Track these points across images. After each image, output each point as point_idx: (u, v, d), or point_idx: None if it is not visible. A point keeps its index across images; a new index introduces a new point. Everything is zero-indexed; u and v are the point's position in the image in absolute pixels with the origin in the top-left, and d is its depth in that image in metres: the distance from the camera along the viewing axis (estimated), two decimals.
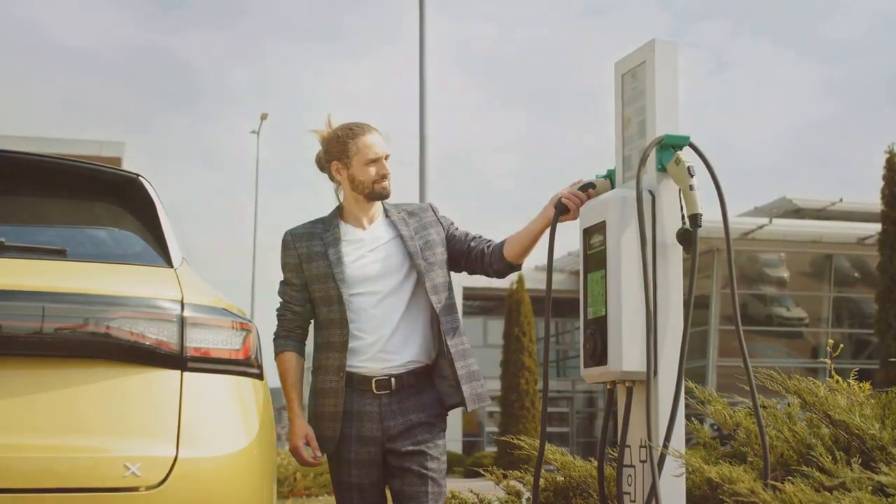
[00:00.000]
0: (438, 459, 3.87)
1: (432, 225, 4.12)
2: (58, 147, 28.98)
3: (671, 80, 3.61)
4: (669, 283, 3.52)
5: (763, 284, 36.36)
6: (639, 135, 3.66)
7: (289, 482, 16.43)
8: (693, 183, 3.46)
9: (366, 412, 3.86)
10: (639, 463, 3.48)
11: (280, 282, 4.04)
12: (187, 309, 2.96)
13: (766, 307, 36.33)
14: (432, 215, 4.16)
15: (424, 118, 17.56)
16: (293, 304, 4.00)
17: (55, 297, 2.82)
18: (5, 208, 3.34)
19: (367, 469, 3.88)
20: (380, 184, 4.00)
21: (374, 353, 3.87)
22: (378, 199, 4.04)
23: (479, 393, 3.94)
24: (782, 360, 32.62)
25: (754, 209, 37.99)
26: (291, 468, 16.69)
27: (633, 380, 3.49)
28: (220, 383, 3.00)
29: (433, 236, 4.08)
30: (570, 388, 42.69)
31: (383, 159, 4.00)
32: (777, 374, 3.77)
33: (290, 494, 16.11)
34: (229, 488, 2.89)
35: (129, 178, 3.36)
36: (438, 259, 4.03)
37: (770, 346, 35.45)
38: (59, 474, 2.69)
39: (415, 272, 3.94)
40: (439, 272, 4.00)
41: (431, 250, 4.03)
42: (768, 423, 3.70)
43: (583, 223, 3.69)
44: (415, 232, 4.05)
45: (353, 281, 3.92)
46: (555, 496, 4.28)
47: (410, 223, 4.07)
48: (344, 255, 3.96)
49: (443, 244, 4.08)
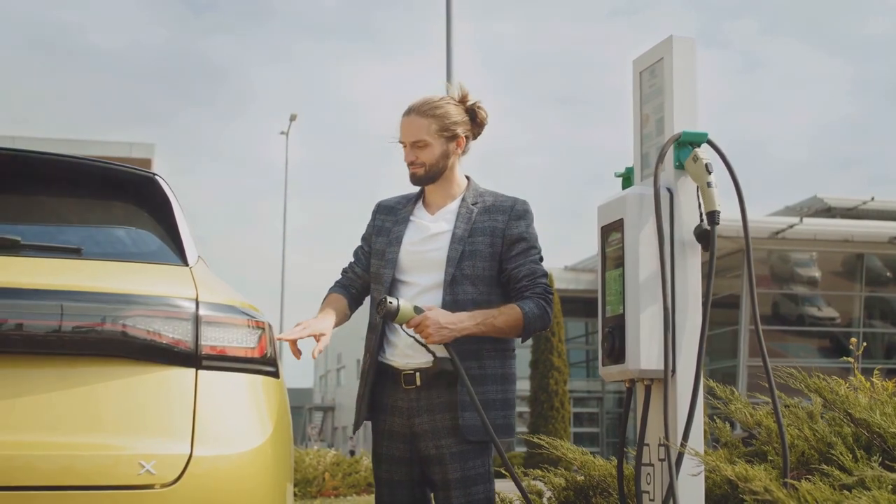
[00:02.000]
0: (463, 463, 3.69)
1: (493, 233, 3.81)
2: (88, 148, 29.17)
3: (689, 77, 3.58)
4: (688, 280, 3.49)
5: (794, 284, 36.12)
6: (657, 132, 3.64)
7: (317, 482, 16.45)
8: (711, 180, 3.43)
9: (396, 406, 3.79)
10: (657, 462, 3.46)
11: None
12: (202, 307, 2.97)
13: (797, 307, 36.11)
14: (504, 221, 3.83)
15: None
16: (357, 266, 4.01)
17: (70, 295, 2.83)
18: (22, 208, 3.35)
19: (395, 466, 3.81)
20: (410, 170, 3.89)
21: (403, 348, 3.76)
22: (415, 186, 3.94)
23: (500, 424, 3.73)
24: (814, 360, 32.42)
25: (785, 208, 37.80)
26: (321, 468, 16.72)
27: (651, 378, 3.47)
28: (235, 381, 3.00)
29: (481, 247, 3.79)
30: (601, 388, 42.59)
31: (406, 146, 3.87)
32: (798, 372, 3.73)
33: (319, 494, 16.13)
34: (244, 486, 2.89)
35: (146, 177, 3.37)
36: (477, 273, 3.76)
37: (802, 346, 35.22)
38: (74, 472, 2.70)
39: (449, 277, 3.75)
40: (469, 288, 3.75)
41: (472, 261, 3.77)
42: (790, 423, 3.67)
43: (601, 221, 3.67)
44: (468, 234, 3.81)
45: (403, 266, 3.83)
46: (575, 495, 4.27)
47: (475, 221, 3.83)
48: (404, 237, 3.88)
49: (492, 259, 3.79)
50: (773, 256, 35.00)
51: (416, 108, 3.86)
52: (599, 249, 3.67)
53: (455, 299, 3.73)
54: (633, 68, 3.80)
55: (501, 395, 3.76)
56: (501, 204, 3.87)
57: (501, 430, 3.73)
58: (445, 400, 3.72)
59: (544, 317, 3.77)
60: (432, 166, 3.85)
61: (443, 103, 3.88)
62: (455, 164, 3.91)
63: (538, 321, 3.75)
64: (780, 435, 3.37)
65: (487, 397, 3.72)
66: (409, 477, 3.80)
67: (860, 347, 4.39)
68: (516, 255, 3.80)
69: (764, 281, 35.04)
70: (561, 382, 32.47)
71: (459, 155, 3.92)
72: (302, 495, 15.81)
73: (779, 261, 35.41)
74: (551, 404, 32.19)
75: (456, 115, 3.88)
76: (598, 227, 3.69)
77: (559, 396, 32.38)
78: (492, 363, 3.77)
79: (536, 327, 3.76)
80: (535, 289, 3.77)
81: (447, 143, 3.85)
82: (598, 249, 3.68)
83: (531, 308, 3.73)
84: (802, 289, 36.22)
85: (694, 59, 3.61)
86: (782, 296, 35.76)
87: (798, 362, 4.54)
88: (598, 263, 3.70)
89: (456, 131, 3.86)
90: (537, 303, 3.75)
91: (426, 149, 3.84)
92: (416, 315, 3.62)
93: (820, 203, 37.17)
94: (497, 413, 3.73)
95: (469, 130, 3.93)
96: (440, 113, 3.85)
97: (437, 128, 3.83)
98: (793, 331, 35.45)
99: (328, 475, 16.66)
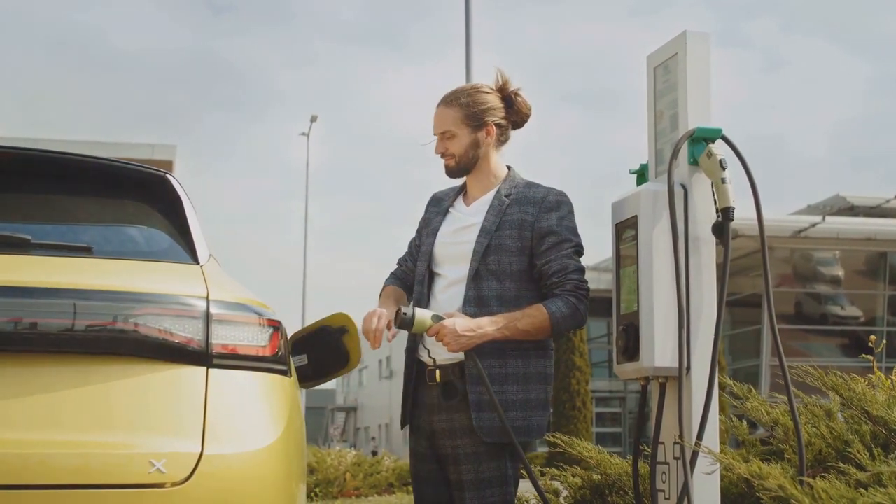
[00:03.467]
0: (478, 465, 3.59)
1: (522, 226, 3.68)
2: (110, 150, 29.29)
3: (703, 72, 3.56)
4: (702, 277, 3.47)
5: (817, 283, 35.96)
6: (671, 128, 3.62)
7: (339, 482, 16.47)
8: (725, 176, 3.40)
9: (422, 402, 3.76)
10: (673, 460, 3.43)
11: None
12: (213, 305, 2.95)
13: (820, 306, 35.95)
14: (534, 214, 3.69)
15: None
16: (409, 259, 4.00)
17: (79, 293, 2.82)
18: (33, 207, 3.35)
19: (420, 462, 3.79)
20: (444, 162, 3.84)
21: (431, 342, 3.67)
22: (451, 178, 3.89)
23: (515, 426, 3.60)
24: (838, 360, 32.21)
25: (807, 207, 37.66)
26: (342, 469, 16.74)
27: (665, 376, 3.44)
28: (246, 380, 2.98)
29: (508, 241, 3.67)
30: (623, 388, 42.49)
31: (439, 139, 3.82)
32: (815, 370, 3.70)
33: (340, 494, 16.14)
34: (255, 485, 2.88)
35: (158, 175, 3.37)
36: (503, 268, 3.66)
37: (825, 346, 35.07)
38: (84, 471, 2.69)
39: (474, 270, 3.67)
40: (493, 284, 3.64)
41: (497, 255, 3.66)
42: (808, 421, 3.64)
43: (615, 218, 3.65)
44: (496, 227, 3.70)
45: (436, 258, 3.80)
46: (591, 494, 4.24)
47: (506, 213, 3.71)
48: (440, 229, 3.83)
49: (521, 253, 3.67)
50: (795, 255, 34.86)
51: (444, 98, 3.82)
52: (613, 246, 3.65)
53: (479, 295, 3.64)
54: (647, 64, 3.77)
55: (522, 395, 3.61)
56: (533, 195, 3.73)
57: (521, 432, 3.60)
58: (463, 402, 3.64)
59: (576, 315, 3.63)
60: (462, 156, 3.78)
61: (473, 91, 3.81)
62: (490, 154, 3.82)
63: (568, 321, 3.62)
64: (795, 433, 3.34)
65: (507, 397, 3.59)
66: (433, 475, 3.76)
67: (880, 345, 4.35)
68: (546, 249, 3.66)
69: (787, 280, 34.91)
70: (583, 382, 32.39)
71: (494, 144, 3.82)
72: (323, 495, 15.82)
73: (801, 260, 35.26)
74: (573, 404, 32.12)
75: (486, 103, 3.79)
76: (611, 224, 3.67)
77: (581, 396, 32.30)
78: (514, 362, 3.62)
79: (567, 327, 3.63)
80: (565, 286, 3.63)
81: (475, 131, 3.78)
82: (613, 246, 3.66)
83: (559, 308, 3.60)
84: (825, 288, 36.06)
85: (708, 54, 3.58)
86: (805, 295, 35.61)
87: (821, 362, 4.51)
88: (613, 260, 3.68)
89: (484, 119, 3.77)
90: (566, 301, 3.62)
91: (454, 139, 3.78)
92: (434, 324, 3.57)
93: (842, 202, 37.02)
94: (517, 414, 3.60)
95: (504, 118, 3.83)
96: (466, 101, 3.77)
97: (463, 116, 3.76)
98: (816, 330, 35.30)
99: (349, 475, 16.68)
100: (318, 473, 16.31)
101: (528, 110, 3.87)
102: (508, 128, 3.86)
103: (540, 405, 3.67)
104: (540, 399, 3.67)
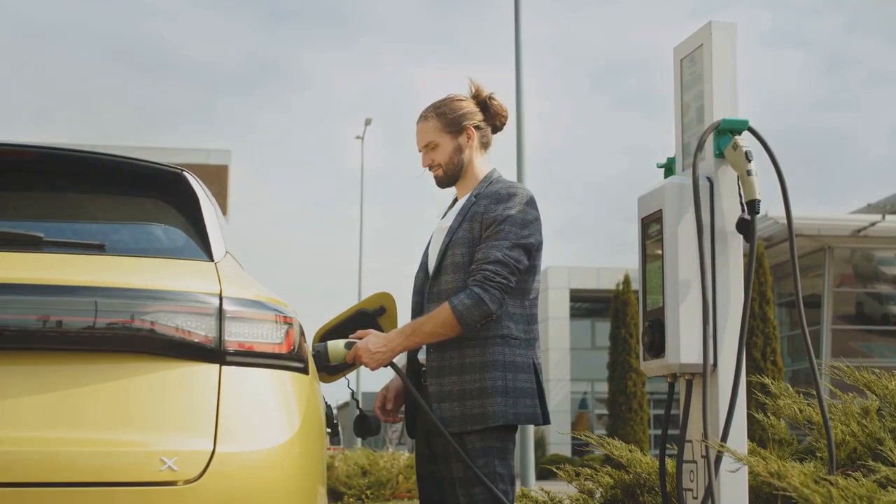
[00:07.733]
0: (466, 462, 3.57)
1: (473, 219, 3.73)
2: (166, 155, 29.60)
3: (729, 63, 3.49)
4: (729, 272, 3.40)
5: (878, 283, 35.41)
6: (697, 120, 3.55)
7: (391, 484, 16.48)
8: (751, 168, 3.33)
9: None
10: (700, 458, 3.37)
11: None
12: (226, 302, 2.93)
13: (881, 306, 35.38)
14: (485, 206, 3.71)
15: (522, 124, 17.44)
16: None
17: (91, 291, 2.81)
18: (47, 204, 3.36)
19: (421, 462, 3.87)
20: (432, 175, 3.92)
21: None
22: (442, 188, 3.93)
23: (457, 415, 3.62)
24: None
25: (867, 206, 37.06)
26: (394, 471, 16.75)
27: (692, 373, 3.38)
28: (260, 377, 2.96)
29: (461, 234, 3.73)
30: None
31: (424, 153, 3.91)
32: (846, 367, 3.62)
33: (392, 497, 16.16)
34: (268, 483, 2.85)
35: (174, 173, 3.35)
36: (455, 261, 3.70)
37: (887, 346, 34.50)
38: (96, 468, 2.68)
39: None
40: (448, 278, 3.70)
41: (452, 249, 3.73)
42: (840, 420, 3.56)
43: (641, 212, 3.59)
44: (458, 224, 3.76)
45: (428, 267, 3.86)
46: (623, 494, 4.18)
47: (470, 210, 3.76)
48: (432, 237, 3.92)
49: (470, 245, 3.70)
50: (855, 255, 34.36)
51: (421, 114, 3.92)
52: (640, 241, 3.59)
53: (438, 290, 3.72)
54: (674, 56, 3.71)
55: (479, 383, 3.58)
56: (493, 190, 3.75)
57: (476, 420, 3.58)
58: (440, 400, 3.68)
59: (481, 305, 3.55)
60: (448, 164, 3.86)
61: (448, 101, 3.90)
62: (473, 158, 3.89)
63: (472, 311, 3.55)
64: (825, 431, 3.26)
65: (465, 387, 3.60)
66: (434, 475, 3.81)
67: None
68: (484, 238, 3.67)
69: (847, 280, 34.43)
70: (640, 384, 32.14)
71: (476, 147, 3.89)
72: (375, 497, 15.85)
73: (862, 259, 34.75)
74: (629, 406, 31.88)
75: (462, 109, 3.87)
76: (637, 218, 3.61)
77: (637, 398, 32.06)
78: (471, 351, 3.62)
79: (473, 317, 3.56)
80: (475, 275, 3.61)
81: (456, 137, 3.85)
82: (639, 241, 3.60)
83: (461, 300, 3.57)
84: (887, 287, 35.50)
85: (734, 44, 3.51)
86: (866, 294, 35.07)
87: (883, 363, 4.43)
88: (639, 255, 3.62)
89: (462, 123, 3.85)
90: (469, 292, 3.57)
91: (437, 149, 3.86)
92: (348, 350, 3.66)
93: None
94: (473, 402, 3.58)
95: (483, 121, 3.91)
96: (443, 111, 3.87)
97: (442, 125, 3.85)
98: (877, 330, 34.73)
99: (402, 478, 16.67)
100: (370, 476, 16.34)
101: (505, 112, 3.96)
102: (488, 130, 3.94)
103: (494, 392, 3.59)
104: (494, 387, 3.60)
